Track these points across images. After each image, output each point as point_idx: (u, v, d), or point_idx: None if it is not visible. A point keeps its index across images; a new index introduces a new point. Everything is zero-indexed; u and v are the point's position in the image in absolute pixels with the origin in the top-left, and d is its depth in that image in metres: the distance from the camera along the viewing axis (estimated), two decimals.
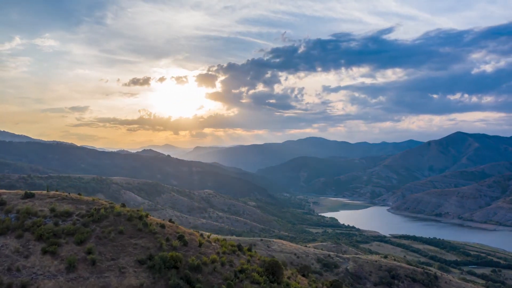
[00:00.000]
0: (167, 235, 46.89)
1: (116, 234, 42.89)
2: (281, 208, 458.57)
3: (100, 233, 42.27)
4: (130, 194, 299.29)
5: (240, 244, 57.58)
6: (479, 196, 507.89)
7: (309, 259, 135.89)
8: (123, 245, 41.53)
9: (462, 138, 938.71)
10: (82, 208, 46.46)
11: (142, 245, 42.63)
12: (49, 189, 53.22)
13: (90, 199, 50.82)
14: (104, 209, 46.52)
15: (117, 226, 44.43)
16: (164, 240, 44.91)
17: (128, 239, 42.90)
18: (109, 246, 40.67)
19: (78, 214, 44.73)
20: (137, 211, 50.19)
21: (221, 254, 49.94)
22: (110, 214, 46.16)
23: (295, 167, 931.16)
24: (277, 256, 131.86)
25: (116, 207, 48.27)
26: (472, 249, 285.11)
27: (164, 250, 42.91)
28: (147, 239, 44.46)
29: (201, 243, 49.38)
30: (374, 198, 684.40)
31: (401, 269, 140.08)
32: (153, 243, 43.91)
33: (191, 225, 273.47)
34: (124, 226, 45.04)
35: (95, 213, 44.93)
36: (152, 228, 46.83)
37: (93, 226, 43.25)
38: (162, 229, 48.49)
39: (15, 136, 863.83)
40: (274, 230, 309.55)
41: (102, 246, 40.29)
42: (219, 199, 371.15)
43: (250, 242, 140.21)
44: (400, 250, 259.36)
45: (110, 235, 42.32)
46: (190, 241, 48.61)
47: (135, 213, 49.10)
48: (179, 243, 46.18)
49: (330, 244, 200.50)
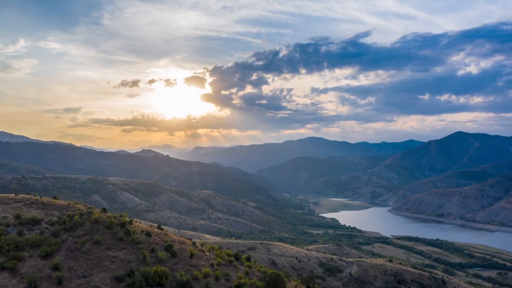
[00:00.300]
0: (153, 245, 40.66)
1: (91, 245, 36.61)
2: (281, 208, 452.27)
3: (72, 244, 35.99)
4: (127, 195, 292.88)
5: (237, 253, 51.34)
6: (482, 197, 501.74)
7: (311, 263, 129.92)
8: (99, 259, 35.27)
9: (463, 138, 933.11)
10: (53, 214, 40.16)
11: (122, 258, 36.36)
12: (44, 190, 46.81)
13: (65, 203, 44.41)
14: (79, 215, 40.20)
15: (94, 235, 38.17)
16: (148, 252, 38.64)
17: (105, 251, 36.62)
18: (82, 260, 34.44)
19: (48, 221, 38.43)
20: (119, 217, 43.91)
21: (216, 266, 43.72)
22: (86, 221, 39.85)
23: (295, 167, 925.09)
24: (278, 261, 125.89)
25: (95, 213, 41.95)
26: (476, 250, 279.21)
27: (148, 263, 36.70)
28: (128, 250, 38.19)
29: (193, 254, 43.09)
30: (375, 198, 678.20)
31: (407, 274, 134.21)
32: (135, 255, 37.65)
33: (189, 227, 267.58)
34: (102, 235, 38.76)
35: (67, 220, 38.61)
36: (136, 237, 40.55)
37: (65, 235, 36.96)
38: (148, 237, 42.25)
39: (13, 136, 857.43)
40: (274, 231, 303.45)
41: (72, 260, 34.04)
42: (218, 200, 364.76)
43: (249, 246, 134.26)
44: (403, 252, 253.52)
45: (84, 246, 36.05)
46: (180, 252, 42.38)
47: (116, 220, 42.80)
48: (167, 254, 39.92)
49: (332, 246, 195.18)
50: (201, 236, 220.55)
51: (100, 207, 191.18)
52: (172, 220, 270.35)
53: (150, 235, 43.19)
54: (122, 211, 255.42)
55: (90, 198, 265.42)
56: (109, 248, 37.23)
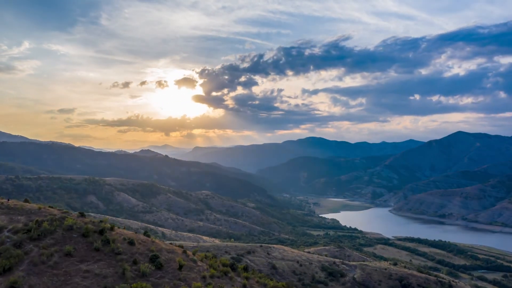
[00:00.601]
0: (135, 256, 35.18)
1: (60, 257, 31.13)
2: (281, 209, 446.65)
3: (37, 256, 30.49)
4: (123, 195, 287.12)
5: (233, 262, 45.85)
6: (483, 197, 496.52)
7: (313, 267, 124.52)
8: (68, 274, 29.78)
9: (463, 137, 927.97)
10: (19, 220, 34.62)
11: (96, 273, 30.88)
12: (37, 190, 41.26)
13: (35, 207, 38.78)
14: (49, 222, 34.67)
15: (65, 245, 32.68)
16: (129, 264, 33.16)
17: (77, 264, 31.13)
18: (47, 276, 28.96)
19: (11, 229, 32.92)
20: (98, 223, 38.39)
21: (209, 278, 38.22)
22: (58, 228, 34.34)
23: (295, 167, 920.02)
24: (278, 265, 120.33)
25: (68, 218, 36.37)
26: (480, 252, 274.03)
27: (127, 278, 31.23)
28: (105, 262, 32.70)
29: (182, 265, 37.58)
30: (375, 198, 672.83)
31: (412, 278, 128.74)
32: (113, 269, 32.17)
33: (187, 228, 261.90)
34: (75, 244, 33.27)
35: (34, 227, 33.08)
36: (116, 246, 35.06)
37: (29, 246, 31.46)
38: (131, 246, 36.76)
39: (12, 136, 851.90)
40: (274, 232, 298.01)
41: (35, 276, 28.56)
42: (217, 201, 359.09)
43: (248, 249, 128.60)
44: (405, 254, 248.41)
45: (51, 259, 30.57)
46: (167, 263, 36.91)
47: (94, 226, 37.27)
48: (151, 266, 34.44)
49: (333, 248, 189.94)
50: (199, 238, 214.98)
51: (95, 208, 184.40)
52: (169, 222, 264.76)
53: (134, 243, 37.69)
54: (119, 212, 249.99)
55: (86, 199, 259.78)
56: (82, 261, 31.74)
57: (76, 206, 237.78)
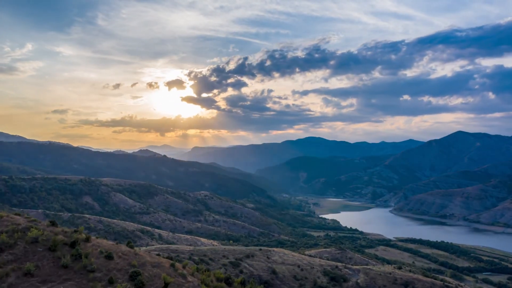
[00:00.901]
0: (112, 273, 29.85)
1: (18, 278, 25.75)
2: (281, 210, 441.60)
3: None
4: (120, 196, 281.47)
5: (229, 276, 40.47)
6: (485, 197, 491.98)
7: (315, 271, 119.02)
8: None
9: (463, 137, 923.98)
10: None
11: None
12: (31, 191, 35.81)
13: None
14: (9, 233, 29.31)
15: (26, 261, 27.35)
16: (102, 284, 27.80)
17: (38, 286, 25.75)
18: None
19: None
20: (71, 233, 33.00)
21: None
22: (20, 241, 28.97)
23: (295, 167, 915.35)
24: (279, 269, 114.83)
25: (33, 230, 30.93)
26: (483, 253, 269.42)
27: None
28: (74, 282, 27.33)
29: (168, 283, 32.24)
30: (376, 198, 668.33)
31: (418, 283, 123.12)
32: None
33: (185, 230, 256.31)
34: (40, 261, 27.91)
35: None
36: (88, 262, 29.70)
37: None
38: (108, 261, 31.42)
39: (9, 136, 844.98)
40: (274, 234, 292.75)
41: None
42: (216, 201, 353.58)
43: (247, 253, 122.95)
44: (407, 256, 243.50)
45: (6, 280, 25.16)
46: (150, 280, 31.57)
47: (65, 238, 31.89)
48: (130, 286, 29.14)
49: (335, 250, 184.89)
50: (196, 240, 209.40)
51: (91, 209, 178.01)
52: (167, 223, 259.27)
53: (112, 257, 32.32)
54: (115, 214, 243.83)
55: (81, 200, 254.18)
56: (45, 281, 26.36)
57: (71, 207, 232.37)
